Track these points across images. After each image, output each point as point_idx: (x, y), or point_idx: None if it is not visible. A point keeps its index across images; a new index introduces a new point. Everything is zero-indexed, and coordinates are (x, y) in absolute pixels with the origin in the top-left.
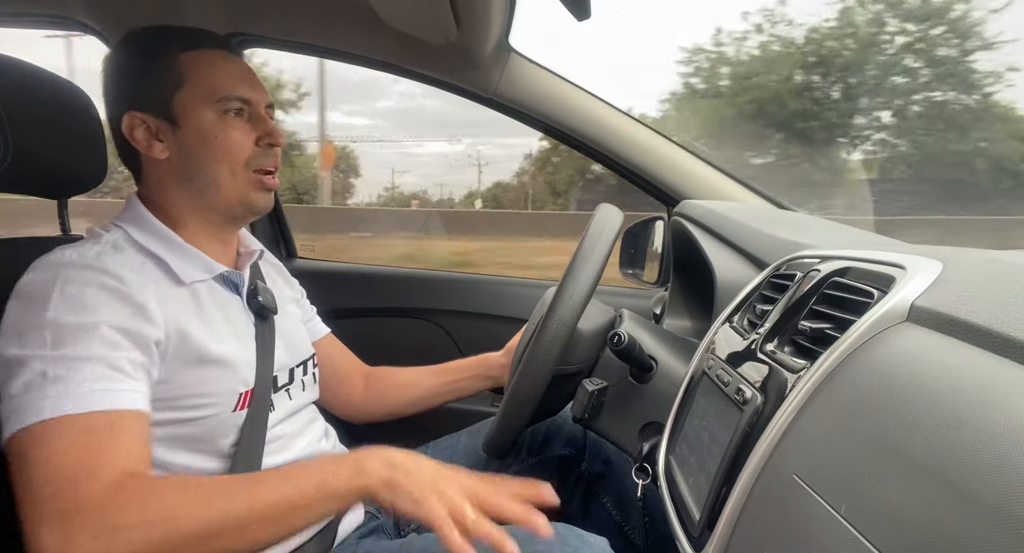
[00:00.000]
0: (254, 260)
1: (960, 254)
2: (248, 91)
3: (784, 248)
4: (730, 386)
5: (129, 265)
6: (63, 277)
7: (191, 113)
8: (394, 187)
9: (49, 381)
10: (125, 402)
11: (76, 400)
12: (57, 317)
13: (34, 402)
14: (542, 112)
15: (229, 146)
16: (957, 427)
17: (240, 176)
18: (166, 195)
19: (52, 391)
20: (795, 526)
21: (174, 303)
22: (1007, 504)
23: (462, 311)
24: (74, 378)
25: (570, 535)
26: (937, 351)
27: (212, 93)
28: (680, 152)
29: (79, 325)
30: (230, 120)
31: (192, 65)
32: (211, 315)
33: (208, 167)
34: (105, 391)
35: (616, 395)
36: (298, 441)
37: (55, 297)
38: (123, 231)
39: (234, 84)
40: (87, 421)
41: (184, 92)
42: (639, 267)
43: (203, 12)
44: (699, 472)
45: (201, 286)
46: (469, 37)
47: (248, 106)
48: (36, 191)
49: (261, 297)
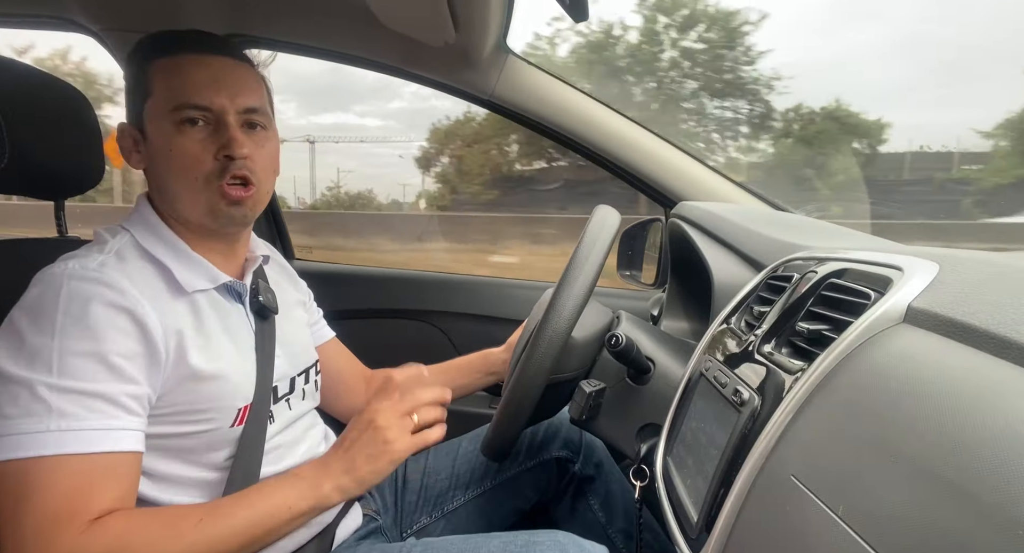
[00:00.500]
0: (258, 265)
1: (956, 256)
2: (210, 97)
3: (781, 250)
4: (728, 387)
5: (132, 276)
6: (66, 293)
7: (153, 124)
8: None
9: (53, 414)
10: (123, 443)
11: (76, 440)
12: (63, 343)
13: (35, 435)
14: (540, 114)
15: (183, 161)
16: (954, 428)
17: (202, 191)
18: (157, 203)
19: (54, 425)
20: (793, 527)
21: (174, 316)
22: (1005, 504)
23: (460, 313)
24: (77, 413)
25: (570, 542)
26: (934, 352)
27: (168, 102)
28: (678, 154)
29: (85, 353)
30: (187, 131)
31: (158, 73)
32: (211, 328)
33: (170, 182)
34: (106, 430)
35: (614, 397)
36: (297, 448)
37: (60, 318)
38: (130, 235)
39: (193, 91)
40: (85, 462)
41: (151, 102)
42: (637, 269)
43: (200, 14)
44: (697, 473)
45: (202, 297)
46: (467, 39)
47: (210, 113)
48: (34, 192)
49: (262, 296)
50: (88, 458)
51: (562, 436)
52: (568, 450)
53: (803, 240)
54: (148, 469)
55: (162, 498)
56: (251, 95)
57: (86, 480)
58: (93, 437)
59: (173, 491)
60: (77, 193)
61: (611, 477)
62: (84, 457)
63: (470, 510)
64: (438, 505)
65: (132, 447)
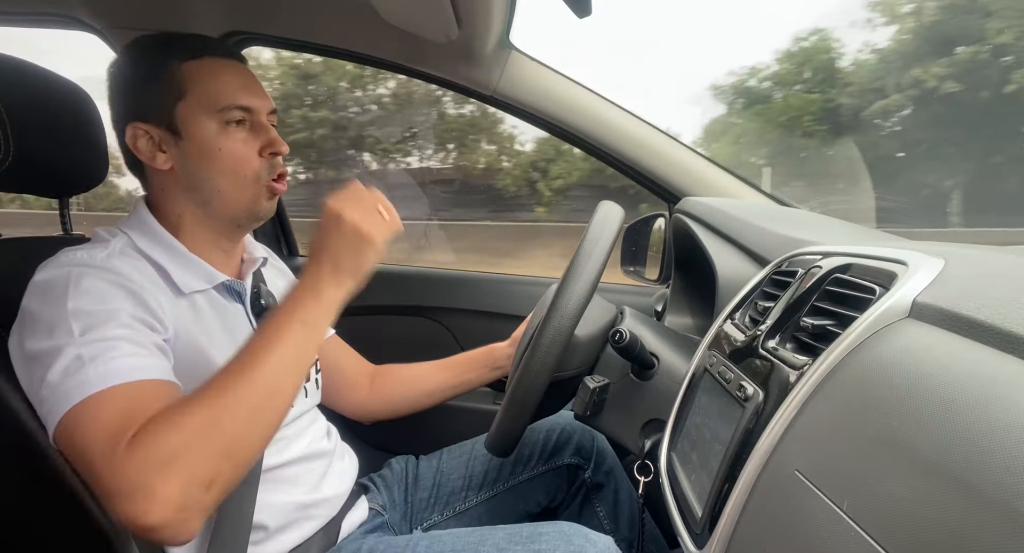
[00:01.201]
0: (257, 267)
1: (962, 250)
2: (250, 99)
3: (786, 245)
4: (732, 383)
5: (137, 271)
6: (76, 273)
7: (193, 124)
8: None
9: (87, 361)
10: (161, 372)
11: (116, 373)
12: (78, 307)
13: (79, 384)
14: (543, 110)
15: (234, 159)
16: (960, 423)
17: (249, 188)
18: (171, 204)
19: (92, 369)
20: (797, 522)
21: (176, 312)
22: (1010, 499)
23: (465, 309)
24: (110, 354)
25: (575, 533)
26: (939, 347)
27: (213, 103)
28: (682, 149)
29: (101, 311)
30: (232, 131)
31: (193, 75)
32: (210, 326)
33: (213, 179)
34: (143, 365)
35: (618, 392)
36: (299, 442)
37: (71, 290)
38: (127, 237)
39: (235, 93)
40: (129, 388)
41: (185, 103)
42: (640, 264)
43: (202, 10)
44: (701, 469)
45: (200, 296)
46: (470, 35)
47: (250, 114)
48: (37, 190)
49: (264, 300)
50: (129, 386)
51: (574, 443)
52: (580, 457)
53: (807, 235)
54: None
55: None
56: (269, 99)
57: (131, 404)
58: (127, 369)
59: None
60: (80, 191)
61: (620, 486)
62: (125, 386)
63: (480, 511)
64: (449, 504)
65: (167, 377)
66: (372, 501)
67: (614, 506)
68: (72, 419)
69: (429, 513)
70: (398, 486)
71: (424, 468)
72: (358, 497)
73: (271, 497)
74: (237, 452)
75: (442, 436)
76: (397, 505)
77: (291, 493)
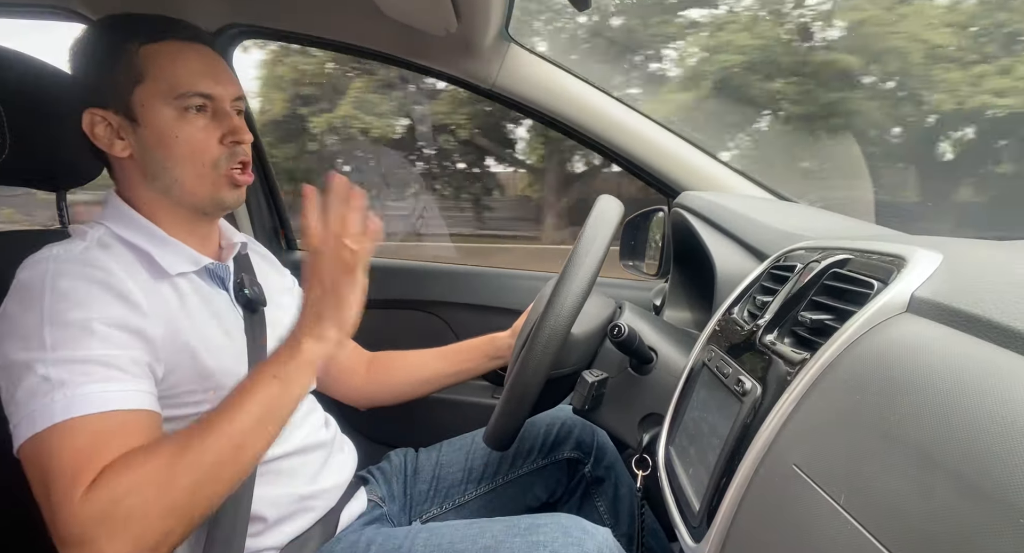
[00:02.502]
0: (236, 252)
1: (960, 245)
2: (211, 86)
3: (784, 239)
4: (730, 377)
5: (116, 260)
6: (52, 272)
7: (150, 111)
8: None
9: (54, 386)
10: (128, 403)
11: (83, 401)
12: (53, 315)
13: (42, 408)
14: (542, 104)
15: (192, 147)
16: (958, 417)
17: (207, 176)
18: (136, 191)
19: (58, 395)
20: (794, 516)
21: (160, 298)
22: (1007, 493)
23: (463, 303)
24: (76, 380)
25: (573, 525)
26: (937, 341)
27: (171, 89)
28: (681, 143)
29: (75, 322)
30: (191, 118)
31: (152, 59)
32: (195, 310)
33: (171, 167)
34: (106, 392)
35: (616, 386)
36: (297, 432)
37: (48, 295)
38: (105, 227)
39: (195, 79)
40: (92, 422)
41: (143, 88)
42: (639, 259)
43: (200, 2)
44: (699, 463)
45: (183, 280)
46: (469, 28)
47: (211, 101)
48: (34, 184)
49: (248, 290)
50: (96, 418)
51: (575, 437)
52: (580, 451)
53: (806, 230)
54: None
55: None
56: (236, 85)
57: (94, 440)
58: (95, 398)
59: None
60: (77, 185)
61: (620, 480)
62: (91, 418)
63: (480, 504)
64: (449, 497)
65: (139, 405)
66: (371, 493)
67: (614, 501)
68: (34, 446)
69: (428, 506)
70: (397, 478)
71: (423, 461)
72: (357, 489)
73: (269, 489)
74: (192, 510)
75: (441, 429)
76: (396, 497)
77: (290, 485)
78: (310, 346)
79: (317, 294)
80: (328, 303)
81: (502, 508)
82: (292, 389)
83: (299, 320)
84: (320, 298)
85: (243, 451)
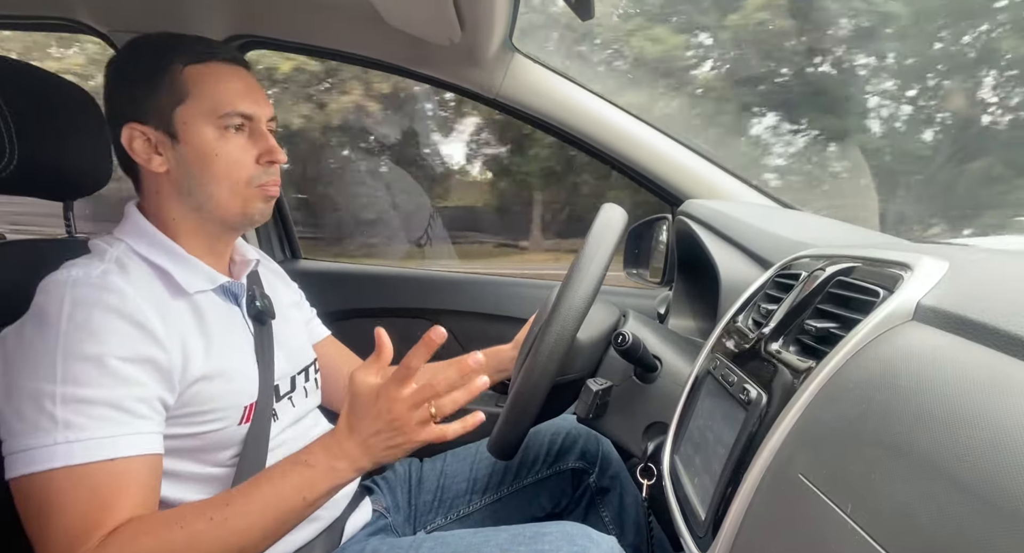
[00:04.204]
0: (251, 268)
1: (966, 253)
2: (251, 106)
3: (789, 247)
4: (735, 386)
5: (135, 284)
6: (70, 300)
7: (192, 129)
8: None
9: (59, 427)
10: (135, 448)
11: (85, 450)
12: (68, 347)
13: (43, 449)
14: (546, 113)
15: (229, 165)
16: (964, 427)
17: (241, 193)
18: (164, 206)
19: (61, 437)
20: (801, 526)
21: (177, 318)
22: (1015, 503)
23: (467, 312)
24: (83, 424)
25: (578, 533)
26: (943, 350)
27: (214, 109)
28: (685, 152)
29: (87, 357)
30: (230, 137)
31: (195, 79)
32: (212, 328)
33: (207, 184)
34: (114, 437)
35: (621, 395)
36: (301, 444)
37: (64, 325)
38: (125, 244)
39: (236, 100)
40: (97, 472)
41: (185, 107)
42: (643, 267)
43: (205, 14)
44: (704, 472)
45: (202, 298)
46: (473, 38)
47: (249, 122)
48: (41, 193)
49: (259, 302)
50: (99, 467)
51: (579, 447)
52: (585, 461)
53: (811, 238)
54: (163, 469)
55: (172, 495)
56: (271, 106)
57: (100, 491)
58: (102, 446)
59: (184, 488)
60: (84, 194)
61: (626, 490)
62: (95, 466)
63: (485, 515)
64: (453, 507)
65: (145, 450)
66: (376, 503)
67: (619, 511)
68: (31, 486)
69: (433, 516)
70: (401, 488)
71: (428, 471)
72: (361, 499)
73: None
74: None
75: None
76: (400, 508)
77: None
78: (345, 472)
79: (373, 428)
80: (380, 443)
81: (507, 519)
82: (311, 507)
83: (340, 439)
84: (374, 435)
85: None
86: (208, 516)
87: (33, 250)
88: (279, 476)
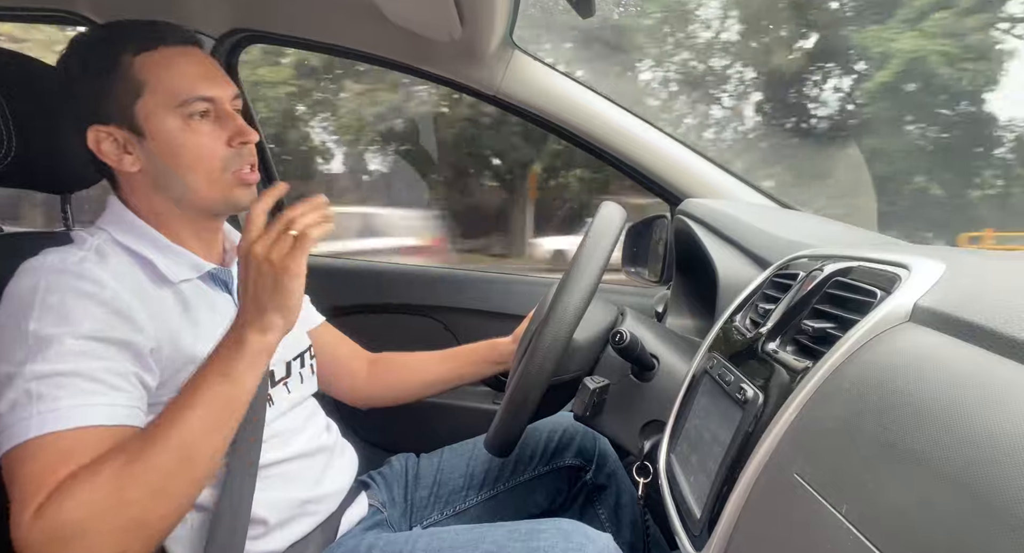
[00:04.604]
0: None
1: (963, 255)
2: (210, 88)
3: (787, 247)
4: (732, 385)
5: (113, 272)
6: (44, 284)
7: (155, 123)
8: None
9: (33, 399)
10: (106, 417)
11: (56, 419)
12: (38, 329)
13: (20, 422)
14: (546, 110)
15: (200, 155)
16: (960, 427)
17: (218, 180)
18: (144, 202)
19: (35, 410)
20: (796, 526)
21: (161, 307)
22: (1011, 504)
23: (465, 308)
24: (54, 394)
25: (574, 531)
26: (940, 351)
27: (173, 98)
28: (684, 150)
29: (58, 336)
30: (196, 125)
31: (148, 69)
32: (199, 315)
33: (183, 176)
34: (84, 406)
35: (618, 393)
36: (300, 436)
37: (36, 307)
38: (107, 233)
39: (194, 84)
40: (67, 438)
41: (144, 100)
42: (642, 265)
43: (204, 7)
44: (700, 471)
45: (187, 286)
46: (473, 34)
47: (213, 104)
48: (39, 186)
49: None
50: (68, 435)
51: (576, 444)
52: (582, 458)
53: (809, 238)
54: None
55: None
56: (231, 84)
57: (58, 458)
58: (72, 413)
59: None
60: (83, 187)
61: (622, 488)
62: (63, 434)
63: (481, 511)
64: (450, 503)
65: (121, 421)
66: (372, 498)
67: (615, 508)
68: (9, 460)
69: (429, 512)
70: (398, 484)
71: (424, 466)
72: (358, 493)
73: (271, 493)
74: (147, 525)
75: (443, 434)
76: (397, 503)
77: (291, 489)
78: (256, 338)
79: (253, 283)
80: (266, 291)
81: (503, 515)
82: (244, 384)
83: (240, 313)
84: (258, 287)
85: (194, 461)
86: (140, 438)
87: (30, 243)
88: (197, 375)
